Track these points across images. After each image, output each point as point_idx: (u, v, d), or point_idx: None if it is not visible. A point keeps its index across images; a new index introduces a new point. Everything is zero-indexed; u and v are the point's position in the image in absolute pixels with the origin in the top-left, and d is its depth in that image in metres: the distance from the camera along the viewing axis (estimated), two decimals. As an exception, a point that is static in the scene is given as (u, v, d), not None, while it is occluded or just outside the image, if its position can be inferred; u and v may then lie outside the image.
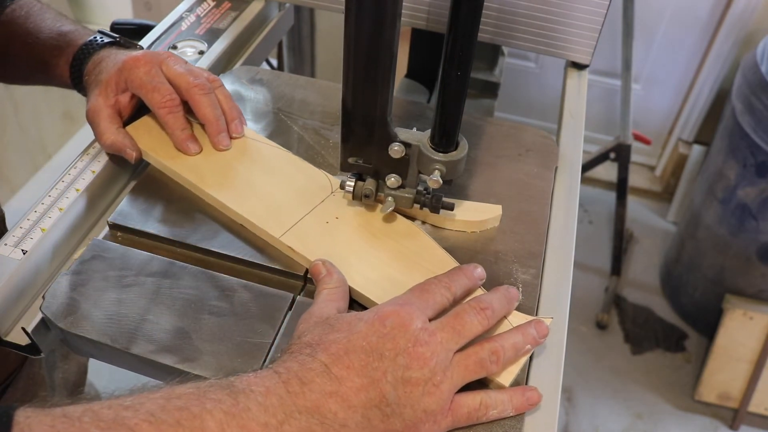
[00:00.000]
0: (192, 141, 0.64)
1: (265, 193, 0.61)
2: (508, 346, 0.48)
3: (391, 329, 0.44)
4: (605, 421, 1.55)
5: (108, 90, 0.64)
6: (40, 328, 0.54)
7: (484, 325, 0.48)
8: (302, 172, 0.64)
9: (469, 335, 0.47)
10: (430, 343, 0.44)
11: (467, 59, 0.49)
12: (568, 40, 0.77)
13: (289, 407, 0.40)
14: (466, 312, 0.48)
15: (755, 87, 1.36)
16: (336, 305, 0.50)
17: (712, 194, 1.55)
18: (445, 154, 0.55)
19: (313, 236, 0.58)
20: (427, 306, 0.48)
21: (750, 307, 1.52)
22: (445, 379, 0.44)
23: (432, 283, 0.50)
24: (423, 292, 0.49)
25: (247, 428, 0.38)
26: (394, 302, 0.47)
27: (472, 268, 0.53)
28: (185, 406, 0.38)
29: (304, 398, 0.41)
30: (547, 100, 1.99)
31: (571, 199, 0.67)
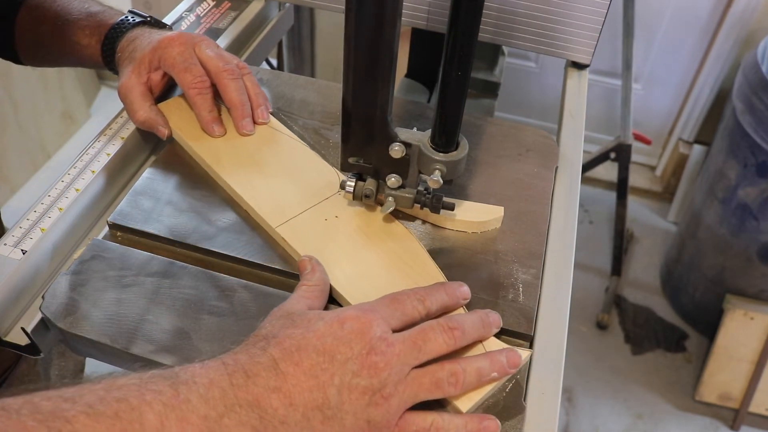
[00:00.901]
0: (217, 123, 0.66)
1: (273, 182, 0.62)
2: (471, 370, 0.46)
3: (348, 333, 0.43)
4: (605, 421, 1.54)
5: (141, 68, 0.65)
6: (40, 328, 0.54)
7: (449, 345, 0.46)
8: (314, 167, 0.65)
9: (430, 353, 0.45)
10: (386, 353, 0.43)
11: (467, 59, 0.49)
12: (569, 40, 0.77)
13: (231, 400, 0.39)
14: (432, 329, 0.46)
15: (756, 87, 1.36)
16: (308, 303, 0.49)
17: (713, 194, 1.54)
18: (445, 154, 0.55)
19: (309, 232, 0.58)
20: (394, 316, 0.46)
21: (750, 307, 1.52)
22: (396, 393, 0.43)
23: (406, 293, 0.48)
24: (393, 301, 0.47)
25: (186, 420, 0.38)
26: (359, 307, 0.46)
27: (455, 286, 0.52)
28: (124, 398, 0.37)
29: (247, 391, 0.40)
30: (547, 100, 1.99)
31: (571, 199, 0.67)
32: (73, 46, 0.70)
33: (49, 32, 0.71)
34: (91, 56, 0.70)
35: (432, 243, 0.60)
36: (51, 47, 0.72)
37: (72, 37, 0.70)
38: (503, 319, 0.54)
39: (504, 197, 0.64)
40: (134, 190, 0.63)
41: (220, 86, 0.66)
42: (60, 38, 0.70)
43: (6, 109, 1.80)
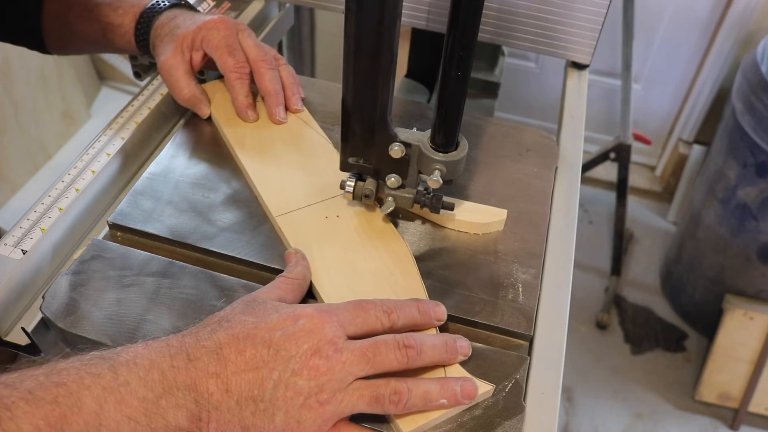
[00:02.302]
0: (251, 108, 0.68)
1: (286, 173, 0.64)
2: (418, 392, 0.44)
3: (299, 330, 0.42)
4: (605, 421, 1.54)
5: (184, 46, 0.66)
6: (40, 328, 0.54)
7: (402, 363, 0.44)
8: (331, 165, 0.64)
9: (379, 367, 0.43)
10: (331, 358, 0.42)
11: (467, 59, 0.49)
12: (569, 40, 0.77)
13: (170, 382, 0.39)
14: (386, 343, 0.44)
15: (755, 87, 1.36)
16: (280, 294, 0.48)
17: (713, 194, 1.55)
18: (445, 154, 0.55)
19: (306, 226, 0.59)
20: (353, 323, 0.45)
21: (750, 307, 1.52)
22: (333, 400, 0.42)
23: (372, 302, 0.47)
24: (357, 307, 0.46)
25: (124, 403, 0.38)
26: (319, 306, 0.46)
27: (430, 305, 0.50)
28: (63, 382, 0.37)
29: (186, 375, 0.40)
30: (547, 100, 1.99)
31: (571, 199, 0.67)
32: (105, 28, 0.71)
33: (79, 15, 0.71)
34: (123, 35, 0.70)
35: (432, 243, 0.60)
36: (81, 31, 0.72)
37: (104, 19, 0.70)
38: (503, 319, 0.54)
39: (504, 197, 0.64)
40: (134, 190, 0.63)
41: (257, 74, 0.68)
42: (90, 21, 0.71)
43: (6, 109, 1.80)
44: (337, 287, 0.54)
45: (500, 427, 0.47)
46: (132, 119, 0.69)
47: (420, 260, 0.59)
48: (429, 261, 0.59)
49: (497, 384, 0.50)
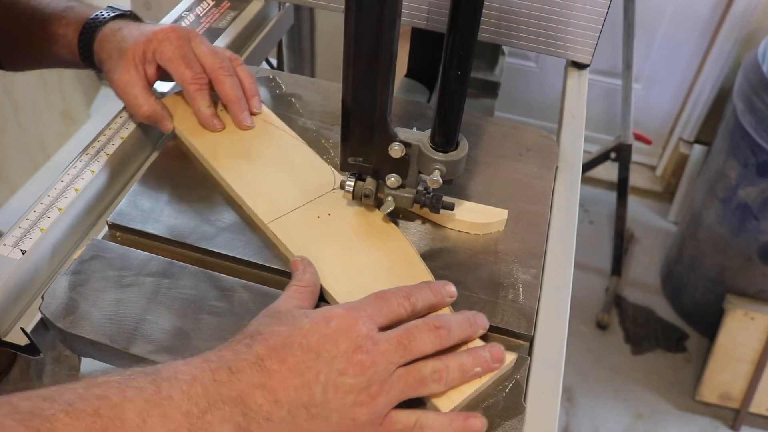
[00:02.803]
0: (216, 118, 0.67)
1: (268, 178, 0.63)
2: (454, 366, 0.46)
3: (334, 331, 0.43)
4: (605, 421, 1.54)
5: (136, 60, 0.64)
6: (39, 328, 0.54)
7: (435, 344, 0.46)
8: (310, 164, 0.65)
9: (416, 352, 0.45)
10: (372, 351, 0.42)
11: (467, 59, 0.49)
12: (569, 40, 0.77)
13: (214, 396, 0.39)
14: (417, 328, 0.45)
15: (756, 87, 1.36)
16: (297, 303, 0.49)
17: (713, 194, 1.54)
18: (445, 153, 0.55)
19: (300, 229, 0.58)
20: (380, 314, 0.46)
21: (751, 307, 1.52)
22: (382, 391, 0.42)
23: (391, 291, 0.48)
24: (379, 299, 0.47)
25: (168, 416, 0.37)
26: (346, 305, 0.46)
27: (441, 285, 0.51)
28: (104, 395, 0.37)
29: (231, 387, 0.40)
30: (547, 100, 1.99)
31: (571, 199, 0.67)
32: (50, 39, 0.69)
33: (26, 27, 0.69)
34: (67, 47, 0.68)
35: (432, 243, 0.60)
36: (29, 44, 0.71)
37: (49, 29, 0.68)
38: (503, 319, 0.54)
39: (504, 197, 0.64)
40: (134, 190, 0.63)
41: (216, 83, 0.66)
42: (37, 33, 0.69)
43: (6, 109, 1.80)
44: (346, 286, 0.54)
45: (500, 427, 0.47)
46: (131, 119, 0.69)
47: (420, 260, 0.59)
48: (429, 261, 0.58)
49: (497, 384, 0.50)
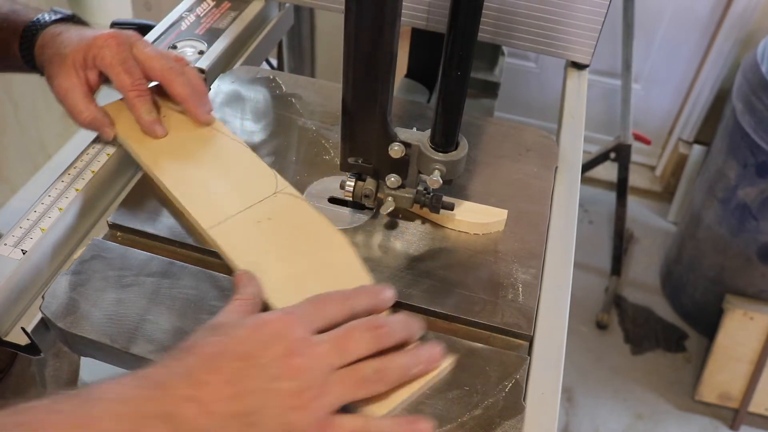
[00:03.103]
0: (158, 124, 0.65)
1: (208, 184, 0.62)
2: (394, 365, 0.45)
3: (268, 336, 0.42)
4: (605, 421, 1.54)
5: (76, 66, 0.63)
6: (40, 328, 0.54)
7: (374, 344, 0.45)
8: (252, 168, 0.64)
9: (354, 353, 0.44)
10: (308, 354, 0.42)
11: (467, 59, 0.49)
12: (568, 40, 0.77)
13: (142, 413, 0.38)
14: (355, 328, 0.45)
15: (756, 87, 1.36)
16: (238, 316, 0.47)
17: (713, 194, 1.54)
18: (445, 154, 0.55)
19: (241, 235, 0.57)
20: (316, 318, 0.45)
21: (750, 307, 1.52)
22: (320, 395, 0.41)
23: (328, 295, 0.48)
24: (315, 303, 0.47)
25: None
26: (281, 310, 0.46)
27: (379, 289, 0.51)
28: (26, 422, 0.36)
29: (160, 403, 0.39)
30: (547, 100, 1.99)
31: (571, 199, 0.67)
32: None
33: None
34: (10, 52, 0.67)
35: (432, 243, 0.60)
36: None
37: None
38: (503, 319, 0.54)
39: (504, 197, 0.64)
40: (135, 190, 0.63)
41: (167, 83, 0.65)
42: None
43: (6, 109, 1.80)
44: (287, 294, 0.52)
45: (500, 427, 0.47)
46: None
47: (420, 260, 0.59)
48: (429, 261, 0.59)
49: (497, 384, 0.50)
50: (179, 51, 0.79)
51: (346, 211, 0.63)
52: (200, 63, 0.77)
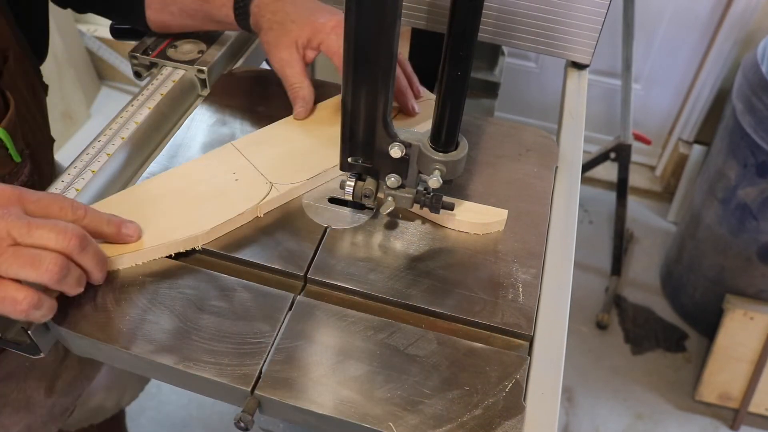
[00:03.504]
0: None
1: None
2: (73, 270, 0.48)
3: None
4: (605, 421, 1.54)
5: (298, 43, 0.67)
6: (40, 328, 0.54)
7: (61, 247, 0.47)
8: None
9: (39, 240, 0.47)
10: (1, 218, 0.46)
11: (467, 59, 0.49)
12: (569, 40, 0.77)
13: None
14: (55, 226, 0.48)
15: (756, 87, 1.36)
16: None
17: (713, 194, 1.54)
18: (445, 154, 0.55)
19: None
20: (38, 200, 0.49)
21: (750, 307, 1.52)
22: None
23: (68, 198, 0.52)
24: (52, 194, 0.51)
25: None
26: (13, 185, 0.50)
27: (123, 221, 0.55)
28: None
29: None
30: (547, 100, 1.99)
31: (571, 199, 0.67)
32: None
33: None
34: (221, 6, 0.70)
35: (432, 243, 0.60)
36: (181, 1, 0.72)
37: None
38: (503, 319, 0.54)
39: (504, 197, 0.64)
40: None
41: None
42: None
43: (6, 109, 1.80)
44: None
45: (500, 427, 0.47)
46: (132, 119, 0.69)
47: (420, 260, 0.59)
48: (429, 261, 0.59)
49: (497, 384, 0.50)
50: (179, 51, 0.79)
51: (346, 211, 0.63)
52: (200, 63, 0.77)
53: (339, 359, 0.51)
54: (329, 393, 0.49)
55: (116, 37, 0.89)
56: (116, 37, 0.89)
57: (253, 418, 0.49)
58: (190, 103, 0.77)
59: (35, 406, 0.69)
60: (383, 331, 0.53)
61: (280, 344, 0.52)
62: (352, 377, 0.50)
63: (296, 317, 0.54)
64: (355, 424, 0.48)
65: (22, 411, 0.68)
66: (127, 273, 0.56)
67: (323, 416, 0.48)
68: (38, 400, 0.69)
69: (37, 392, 0.69)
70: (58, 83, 1.96)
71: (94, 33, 2.14)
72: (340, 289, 0.57)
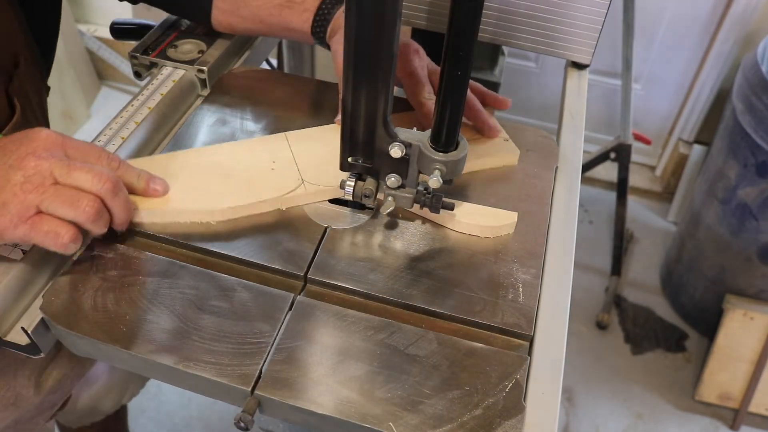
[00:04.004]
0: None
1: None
2: (104, 212, 0.53)
3: (24, 137, 0.53)
4: (605, 421, 1.54)
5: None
6: (40, 328, 0.54)
7: (96, 189, 0.52)
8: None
9: (78, 181, 0.52)
10: (42, 159, 0.51)
11: (467, 59, 0.49)
12: (569, 40, 0.77)
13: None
14: (93, 169, 0.52)
15: (756, 87, 1.36)
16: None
17: (713, 194, 1.54)
18: (445, 153, 0.55)
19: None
20: (78, 147, 0.54)
21: (750, 307, 1.52)
22: (34, 191, 0.50)
23: (106, 151, 0.57)
24: (90, 145, 0.56)
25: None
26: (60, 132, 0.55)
27: (154, 177, 0.59)
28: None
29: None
30: (547, 100, 1.99)
31: (571, 199, 0.67)
32: (283, 3, 0.69)
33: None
34: (302, 13, 0.69)
35: (432, 243, 0.60)
36: (255, 4, 0.71)
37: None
38: (503, 319, 0.54)
39: (504, 197, 0.64)
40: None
41: (478, 98, 0.69)
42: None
43: (6, 109, 1.80)
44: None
45: (500, 427, 0.47)
46: (132, 119, 0.69)
47: (420, 260, 0.59)
48: (429, 261, 0.59)
49: (497, 384, 0.50)
50: (179, 51, 0.79)
51: (346, 211, 0.63)
52: (200, 63, 0.77)
53: (339, 359, 0.51)
54: (329, 393, 0.49)
55: (116, 37, 0.89)
56: (116, 37, 0.89)
57: (253, 418, 0.49)
58: (190, 103, 0.77)
59: (24, 403, 0.69)
60: (383, 331, 0.53)
61: (280, 344, 0.52)
62: (352, 377, 0.50)
63: (296, 317, 0.54)
64: (355, 424, 0.48)
65: (11, 407, 0.69)
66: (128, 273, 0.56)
67: (323, 416, 0.48)
68: (27, 397, 0.69)
69: (27, 389, 0.69)
70: (58, 83, 1.96)
71: (94, 33, 2.14)
72: (340, 289, 0.57)
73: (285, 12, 0.70)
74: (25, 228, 0.50)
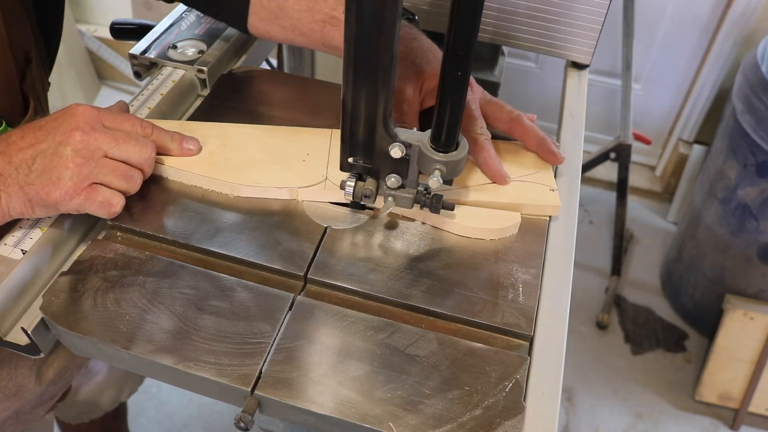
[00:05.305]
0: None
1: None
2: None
3: (65, 114, 0.56)
4: (605, 421, 1.54)
5: (424, 87, 0.66)
6: (40, 328, 0.54)
7: (141, 160, 0.58)
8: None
9: (126, 152, 0.57)
10: (88, 134, 0.55)
11: (467, 59, 0.49)
12: (569, 40, 0.77)
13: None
14: (136, 138, 0.58)
15: (756, 87, 1.36)
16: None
17: (713, 194, 1.54)
18: (445, 154, 0.55)
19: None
20: (114, 118, 0.58)
21: (750, 307, 1.52)
22: (86, 164, 0.55)
23: (135, 117, 0.61)
24: (122, 113, 0.60)
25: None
26: (93, 106, 0.58)
27: (186, 137, 0.63)
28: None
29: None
30: (547, 100, 1.99)
31: (571, 199, 0.67)
32: (325, 20, 0.67)
33: (299, 1, 0.68)
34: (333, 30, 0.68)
35: (432, 243, 0.60)
36: (297, 18, 0.69)
37: (330, 11, 0.67)
38: (503, 319, 0.54)
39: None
40: (134, 190, 0.63)
41: (518, 130, 0.67)
42: (312, 10, 0.68)
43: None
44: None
45: (500, 427, 0.47)
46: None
47: (420, 260, 0.59)
48: (429, 261, 0.59)
49: (497, 384, 0.50)
50: (179, 51, 0.79)
51: (346, 211, 0.63)
52: (200, 63, 0.77)
53: (339, 359, 0.51)
54: (329, 393, 0.49)
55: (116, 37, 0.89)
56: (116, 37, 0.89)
57: (253, 418, 0.49)
58: (190, 103, 0.77)
59: (25, 393, 0.70)
60: (383, 331, 0.53)
61: (280, 344, 0.52)
62: (352, 377, 0.50)
63: (296, 317, 0.54)
64: (355, 424, 0.48)
65: (12, 398, 0.69)
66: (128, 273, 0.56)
67: (323, 416, 0.48)
68: (28, 388, 0.70)
69: (28, 380, 0.69)
70: (58, 83, 1.96)
71: (94, 33, 2.14)
72: (340, 289, 0.57)
73: (327, 29, 0.68)
74: (80, 199, 0.55)
